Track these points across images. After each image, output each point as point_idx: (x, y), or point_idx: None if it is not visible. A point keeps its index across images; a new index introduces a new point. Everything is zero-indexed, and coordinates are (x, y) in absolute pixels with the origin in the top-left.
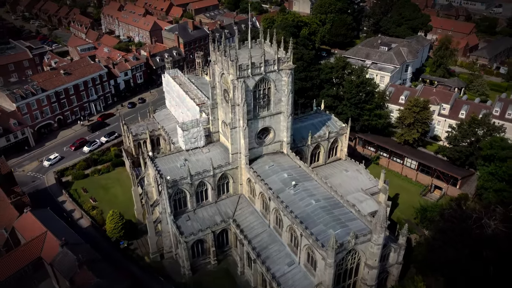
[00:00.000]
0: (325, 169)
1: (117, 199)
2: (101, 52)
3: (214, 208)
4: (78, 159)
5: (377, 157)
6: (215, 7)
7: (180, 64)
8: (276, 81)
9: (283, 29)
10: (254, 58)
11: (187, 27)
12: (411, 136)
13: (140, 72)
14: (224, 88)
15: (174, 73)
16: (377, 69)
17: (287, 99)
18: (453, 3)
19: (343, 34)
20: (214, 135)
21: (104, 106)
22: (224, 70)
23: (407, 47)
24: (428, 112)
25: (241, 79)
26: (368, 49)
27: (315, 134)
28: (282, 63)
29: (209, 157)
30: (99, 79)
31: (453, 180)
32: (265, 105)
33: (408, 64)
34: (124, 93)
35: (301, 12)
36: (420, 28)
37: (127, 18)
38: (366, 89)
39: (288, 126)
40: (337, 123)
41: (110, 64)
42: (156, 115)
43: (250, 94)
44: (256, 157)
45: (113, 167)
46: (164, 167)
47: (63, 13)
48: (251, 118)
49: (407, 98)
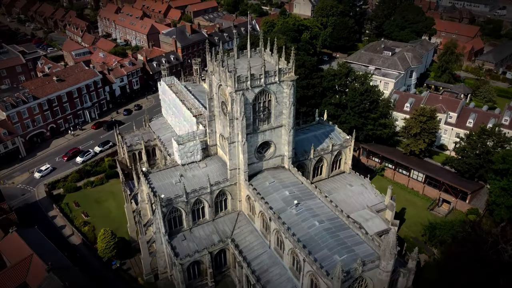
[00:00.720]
0: (328, 184)
1: (110, 213)
2: (96, 57)
3: (212, 227)
4: (71, 171)
5: (382, 168)
6: (214, 9)
7: (178, 69)
8: (277, 93)
9: (284, 33)
10: (253, 69)
11: (185, 31)
12: (417, 146)
13: (136, 78)
14: (222, 100)
15: (170, 81)
16: (380, 75)
17: (288, 112)
18: (456, 5)
19: (345, 37)
20: (211, 148)
21: (99, 114)
22: (221, 81)
23: (411, 52)
24: (435, 122)
25: (240, 91)
26: (371, 54)
27: (318, 147)
28: (284, 74)
29: (206, 172)
30: (94, 86)
31: (462, 194)
32: (265, 118)
33: (413, 70)
34: (120, 100)
35: (302, 14)
36: (424, 32)
37: (124, 21)
38: (370, 97)
39: (290, 140)
40: (340, 135)
41: (105, 69)
42: (152, 124)
43: (250, 107)
44: (256, 173)
45: (107, 179)
46: (158, 184)
47: (59, 16)
48: (250, 132)
49: (412, 105)
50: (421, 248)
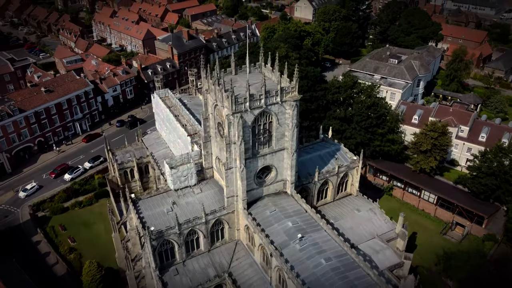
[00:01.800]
0: (334, 208)
1: (98, 238)
2: (88, 65)
3: (207, 259)
4: (58, 189)
5: (390, 188)
6: (213, 13)
7: (174, 76)
8: (279, 114)
9: (285, 41)
10: (253, 88)
11: (182, 36)
12: (428, 164)
13: (130, 87)
14: (218, 121)
15: (164, 93)
16: (387, 84)
17: (291, 134)
18: (462, 7)
19: (348, 43)
20: (207, 171)
21: (90, 125)
22: (217, 101)
23: (418, 60)
24: (447, 138)
25: (238, 114)
26: (376, 62)
27: (323, 169)
28: (286, 94)
29: (201, 199)
30: (85, 96)
31: (478, 218)
32: (266, 141)
33: (420, 79)
34: (113, 110)
35: (303, 18)
36: (430, 38)
37: (119, 25)
38: (377, 111)
39: (293, 164)
40: (347, 155)
41: (98, 79)
42: (145, 138)
43: (248, 130)
44: (255, 199)
45: (96, 199)
46: (148, 213)
47: (52, 19)
48: (249, 157)
49: (421, 118)
50: (435, 281)
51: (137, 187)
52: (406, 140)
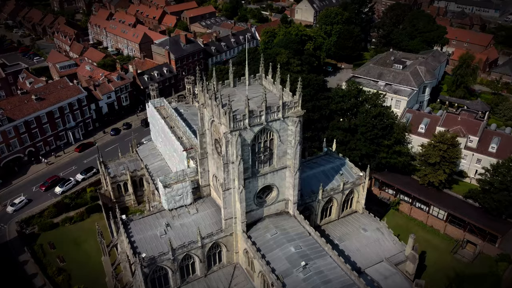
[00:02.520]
0: (339, 227)
1: (89, 259)
2: (82, 70)
3: (203, 284)
4: (48, 204)
5: (397, 202)
6: (212, 15)
7: (171, 82)
8: (281, 131)
9: (286, 46)
10: (252, 103)
11: (179, 41)
12: (436, 177)
13: (126, 94)
14: (215, 138)
15: (159, 103)
16: (391, 91)
17: (294, 152)
18: (465, 9)
19: (351, 47)
20: (204, 189)
21: (84, 134)
22: (214, 117)
23: (424, 65)
24: (457, 150)
25: (236, 131)
26: (380, 68)
27: (327, 186)
28: (288, 109)
29: (197, 220)
30: (78, 104)
31: (491, 237)
32: (267, 159)
33: (426, 85)
34: (108, 118)
35: (304, 20)
36: (435, 42)
37: (115, 28)
38: (383, 121)
39: (295, 183)
40: (352, 170)
41: (91, 85)
42: (140, 149)
43: (248, 148)
44: (255, 220)
45: (88, 214)
46: (140, 237)
47: (47, 22)
48: (249, 177)
49: (427, 126)
50: None
51: (131, 201)
52: (413, 150)
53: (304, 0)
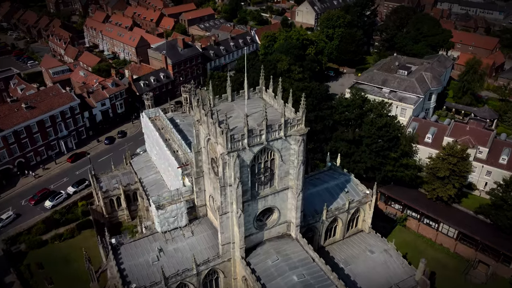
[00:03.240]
0: (344, 248)
1: (79, 279)
2: (76, 76)
3: None
4: (37, 219)
5: (404, 218)
6: (211, 17)
7: (168, 88)
8: (283, 151)
9: (287, 51)
10: (252, 119)
11: (177, 45)
12: (445, 192)
13: (121, 100)
14: (212, 157)
15: (154, 113)
16: (396, 99)
17: (297, 173)
18: (469, 11)
19: (353, 50)
20: (200, 209)
21: (77, 143)
22: (211, 135)
23: (430, 72)
24: (467, 164)
25: (234, 152)
26: (385, 74)
27: (332, 206)
28: (291, 127)
29: (193, 245)
30: (70, 112)
31: (505, 257)
32: (267, 180)
33: (432, 92)
34: (102, 126)
35: (305, 23)
36: (441, 46)
37: (111, 31)
38: (389, 133)
39: (298, 205)
40: (358, 187)
41: (85, 92)
42: (134, 161)
43: (247, 170)
44: (255, 245)
45: (79, 231)
46: (130, 263)
47: (43, 24)
48: (248, 200)
49: (434, 136)
50: None
51: (124, 216)
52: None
53: (305, 3)
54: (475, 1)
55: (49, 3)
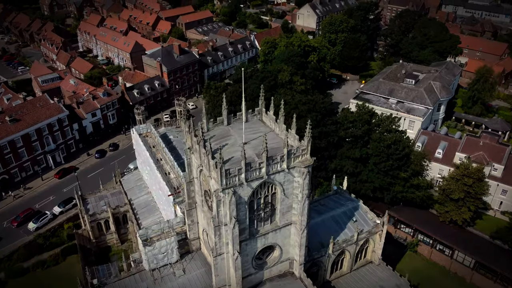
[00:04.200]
0: (352, 283)
1: None
2: (66, 85)
3: None
4: (19, 243)
5: (415, 244)
6: (209, 20)
7: (164, 96)
8: (285, 184)
9: (288, 59)
10: (251, 148)
11: (172, 51)
12: (459, 215)
13: (113, 111)
14: (205, 189)
15: (146, 129)
16: (404, 110)
17: (301, 207)
18: (474, 14)
19: (357, 56)
20: (192, 243)
21: (66, 157)
22: (203, 166)
23: (439, 81)
24: (483, 185)
25: (230, 189)
26: (391, 83)
27: (338, 237)
28: (295, 158)
29: (184, 284)
30: (58, 124)
31: None
32: (268, 216)
33: (441, 103)
34: (93, 137)
35: (306, 27)
36: (448, 52)
37: (105, 36)
38: (399, 151)
39: (302, 242)
40: (367, 215)
41: (74, 103)
42: (125, 180)
43: (244, 207)
44: (253, 286)
45: (64, 257)
46: None
47: (35, 28)
48: (245, 239)
49: (445, 150)
50: None
51: (113, 240)
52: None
53: (306, 6)
54: (481, 4)
55: (43, 6)
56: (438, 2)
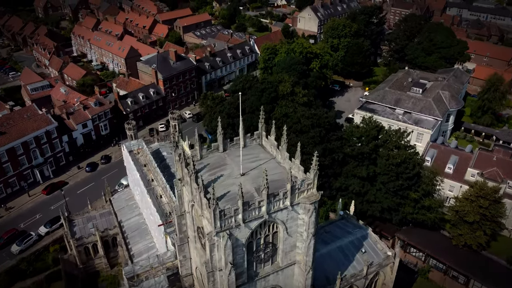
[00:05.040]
0: None
1: None
2: (57, 93)
3: None
4: (0, 269)
5: (427, 270)
6: (207, 24)
7: (159, 104)
8: (288, 222)
9: (289, 68)
10: (249, 180)
11: (168, 58)
12: (475, 240)
13: (105, 121)
14: (198, 225)
15: (137, 146)
16: (412, 121)
17: (306, 247)
18: (480, 17)
19: (360, 62)
20: (185, 280)
21: (55, 170)
22: (195, 202)
23: (447, 90)
24: (501, 207)
25: (225, 232)
26: (398, 92)
27: (347, 272)
28: (299, 193)
29: None
30: (47, 137)
31: None
32: (268, 257)
33: (451, 113)
34: (84, 149)
35: (307, 30)
36: (456, 58)
37: (99, 40)
38: (409, 171)
39: (308, 283)
40: (377, 246)
41: (64, 113)
42: (115, 199)
43: (242, 249)
44: None
45: (48, 283)
46: None
47: (28, 31)
48: (243, 283)
49: (456, 165)
50: None
51: (102, 265)
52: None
53: (307, 9)
54: (486, 7)
55: (38, 8)
56: (442, 5)
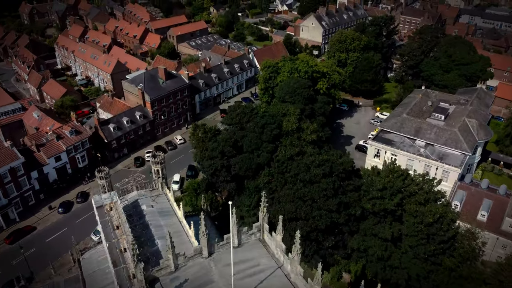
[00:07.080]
0: None
1: None
2: (29, 118)
3: None
4: None
5: None
6: (203, 32)
7: (146, 129)
8: None
9: (293, 92)
10: None
11: (157, 76)
12: None
13: (83, 152)
14: None
15: (109, 200)
16: (435, 156)
17: None
18: (494, 25)
19: (370, 80)
20: None
21: (22, 212)
22: None
23: (474, 117)
24: None
25: None
26: (418, 121)
27: None
28: None
29: None
30: (11, 175)
31: None
32: None
33: (479, 145)
34: (57, 185)
35: (311, 40)
36: (477, 76)
37: (84, 53)
38: (443, 232)
39: None
40: None
41: (33, 145)
42: (85, 260)
43: None
44: None
45: None
46: None
47: (9, 41)
48: None
49: (490, 211)
50: None
51: None
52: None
53: (311, 17)
54: (499, 14)
55: (23, 14)
56: (455, 13)
